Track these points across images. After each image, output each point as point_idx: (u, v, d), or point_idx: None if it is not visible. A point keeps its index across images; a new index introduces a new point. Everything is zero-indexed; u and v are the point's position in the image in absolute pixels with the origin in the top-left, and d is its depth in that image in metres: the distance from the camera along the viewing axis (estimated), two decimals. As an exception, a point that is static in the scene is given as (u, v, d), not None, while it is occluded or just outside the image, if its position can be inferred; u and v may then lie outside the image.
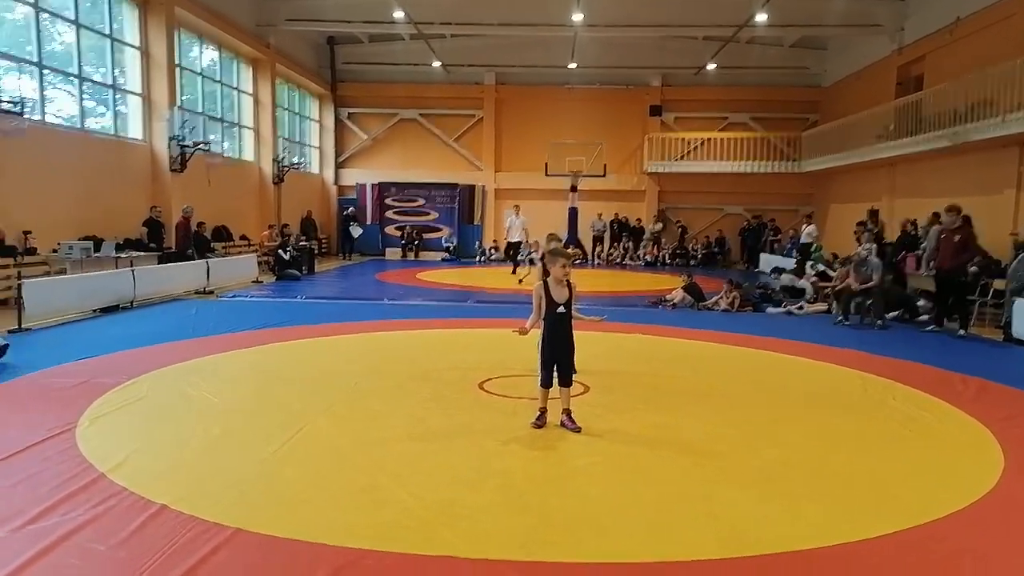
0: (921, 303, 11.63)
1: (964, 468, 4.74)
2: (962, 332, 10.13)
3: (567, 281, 5.37)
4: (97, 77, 14.04)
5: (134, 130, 14.86)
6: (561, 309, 5.34)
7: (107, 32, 13.99)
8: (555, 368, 5.38)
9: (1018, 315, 9.57)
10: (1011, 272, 10.30)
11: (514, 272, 18.15)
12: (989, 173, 14.02)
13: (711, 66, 22.16)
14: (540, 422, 5.38)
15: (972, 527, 3.83)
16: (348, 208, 23.72)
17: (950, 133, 14.04)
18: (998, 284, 11.20)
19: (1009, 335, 9.72)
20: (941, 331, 10.37)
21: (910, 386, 6.94)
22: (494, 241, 24.48)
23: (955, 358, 8.49)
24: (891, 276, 12.35)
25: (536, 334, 5.54)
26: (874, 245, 11.59)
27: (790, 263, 17.73)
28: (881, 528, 3.74)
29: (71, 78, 13.13)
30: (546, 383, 5.40)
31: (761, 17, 17.12)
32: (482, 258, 23.85)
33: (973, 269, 10.55)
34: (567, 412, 5.37)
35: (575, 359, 5.49)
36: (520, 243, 18.52)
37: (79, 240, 11.93)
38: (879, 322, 10.80)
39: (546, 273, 5.88)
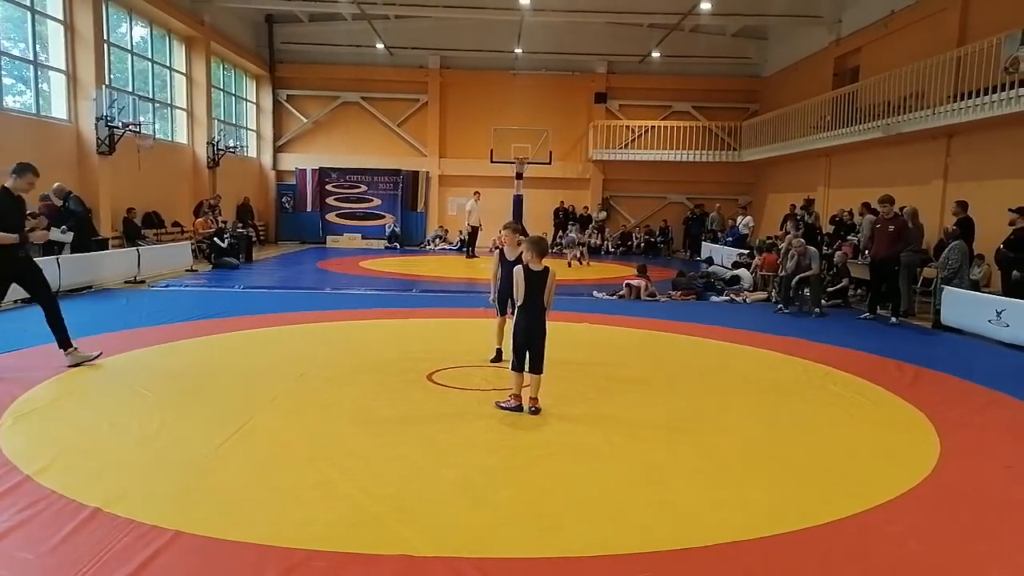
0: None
1: (904, 452, 4.90)
2: (894, 319, 10.50)
3: (547, 269, 5.51)
4: (16, 52, 13.22)
5: (58, 110, 14.08)
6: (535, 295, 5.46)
7: (27, 3, 13.16)
8: (527, 353, 5.46)
9: (947, 303, 9.97)
10: (941, 261, 10.71)
11: (468, 256, 18.60)
12: (919, 164, 14.55)
13: (656, 54, 22.35)
14: (508, 404, 5.49)
15: (916, 511, 3.94)
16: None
17: (883, 124, 14.51)
18: (928, 273, 11.65)
19: (939, 322, 10.12)
20: (874, 318, 10.73)
21: (848, 372, 7.16)
22: (442, 228, 24.24)
23: (889, 345, 8.80)
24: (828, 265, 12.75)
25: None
26: (802, 240, 11.90)
27: (726, 251, 18.19)
28: (829, 514, 3.82)
29: (-13, 52, 12.34)
30: (518, 367, 5.49)
31: (705, 5, 17.31)
32: (429, 246, 23.62)
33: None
34: (533, 400, 5.47)
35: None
36: (477, 228, 19.08)
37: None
38: (816, 310, 11.12)
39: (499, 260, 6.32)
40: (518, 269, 5.53)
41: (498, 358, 7.06)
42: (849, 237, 14.40)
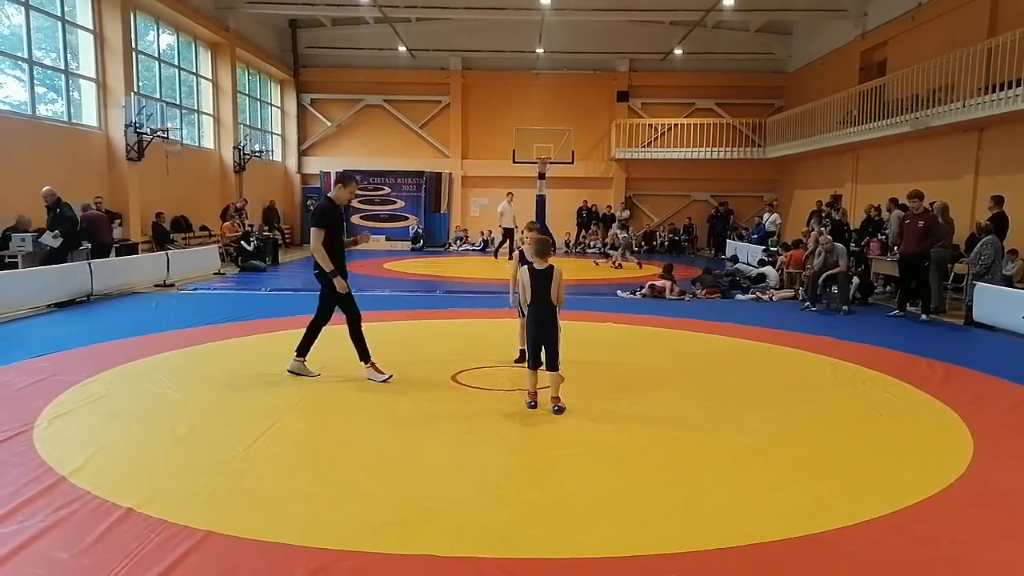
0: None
1: (936, 452, 4.81)
2: (924, 317, 10.32)
3: (552, 267, 5.53)
4: (48, 61, 13.52)
5: (88, 117, 14.37)
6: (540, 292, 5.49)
7: (58, 14, 13.45)
8: (541, 351, 5.51)
9: (979, 299, 9.77)
10: (973, 256, 10.50)
11: (496, 257, 18.64)
12: (949, 158, 14.29)
13: (678, 51, 22.21)
14: (528, 401, 5.58)
15: (948, 512, 3.87)
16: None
17: (912, 118, 14.26)
18: (959, 268, 11.44)
19: (970, 318, 9.92)
20: (904, 316, 10.55)
21: (878, 371, 7.05)
22: (461, 229, 24.30)
23: (919, 342, 8.65)
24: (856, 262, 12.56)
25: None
26: (829, 237, 11.68)
27: (750, 249, 18.01)
28: (858, 515, 3.76)
29: (20, 62, 12.61)
30: (533, 365, 5.56)
31: (728, 1, 17.16)
32: (452, 247, 23.70)
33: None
34: (555, 399, 5.53)
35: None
36: (513, 230, 18.87)
37: (32, 232, 11.50)
38: (844, 308, 10.96)
39: (519, 261, 6.57)
40: (523, 269, 5.61)
41: (522, 359, 7.05)
42: (879, 236, 14.14)
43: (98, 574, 3.06)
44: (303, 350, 6.52)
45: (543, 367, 5.55)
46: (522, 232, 7.19)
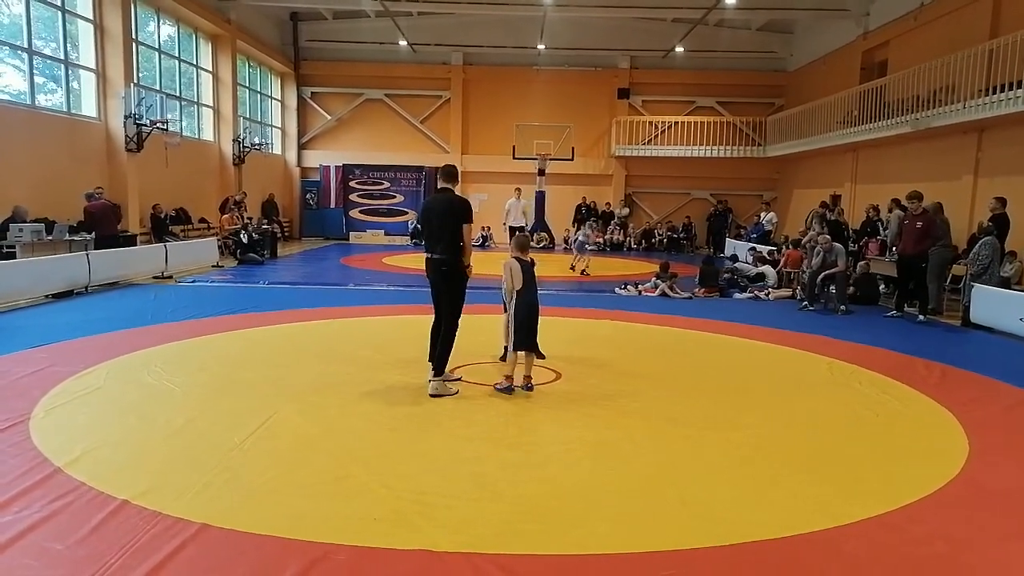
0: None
1: (931, 452, 4.83)
2: (921, 317, 10.33)
3: (533, 260, 6.08)
4: (48, 51, 13.47)
5: (88, 108, 14.32)
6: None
7: (58, 3, 13.40)
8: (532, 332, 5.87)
9: (977, 300, 9.78)
10: (971, 257, 10.52)
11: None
12: (949, 159, 14.29)
13: (679, 49, 22.18)
14: (526, 383, 5.95)
15: (943, 511, 3.88)
16: None
17: (912, 119, 14.26)
18: (957, 270, 11.45)
19: (968, 320, 9.94)
20: (902, 316, 10.56)
21: (874, 371, 7.07)
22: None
23: (916, 343, 8.67)
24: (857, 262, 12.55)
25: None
26: (827, 236, 11.66)
27: (739, 246, 17.98)
28: (853, 514, 3.77)
29: (20, 52, 12.57)
30: (528, 347, 5.93)
31: (730, -1, 17.16)
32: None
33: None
34: (527, 378, 5.95)
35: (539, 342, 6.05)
36: (522, 228, 17.84)
37: (29, 222, 11.48)
38: (842, 307, 10.97)
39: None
40: (513, 262, 5.89)
41: (506, 355, 7.02)
42: (878, 236, 14.14)
43: (93, 565, 3.06)
44: (440, 366, 5.92)
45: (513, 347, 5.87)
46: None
